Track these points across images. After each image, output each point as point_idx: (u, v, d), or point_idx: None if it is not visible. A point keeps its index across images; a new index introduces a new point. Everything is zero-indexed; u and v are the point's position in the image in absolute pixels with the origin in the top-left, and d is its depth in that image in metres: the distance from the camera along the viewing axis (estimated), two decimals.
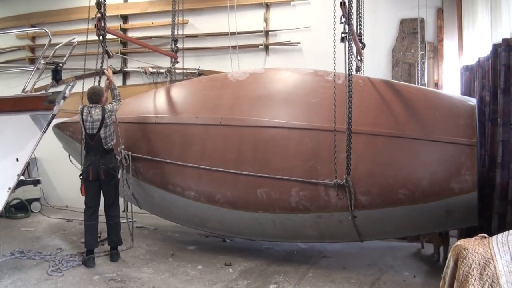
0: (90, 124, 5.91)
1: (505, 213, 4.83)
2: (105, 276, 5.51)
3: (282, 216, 5.80)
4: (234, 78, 6.43)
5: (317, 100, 5.77)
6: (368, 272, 5.68)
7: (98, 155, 5.97)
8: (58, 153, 7.87)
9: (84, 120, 5.95)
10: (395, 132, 5.33)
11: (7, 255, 6.22)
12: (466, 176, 5.10)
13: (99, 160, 5.95)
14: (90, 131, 5.93)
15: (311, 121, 5.65)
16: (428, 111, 5.43)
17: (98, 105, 6.00)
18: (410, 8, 7.50)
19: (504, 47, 4.91)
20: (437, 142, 5.23)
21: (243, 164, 5.82)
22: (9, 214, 8.80)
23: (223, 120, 6.00)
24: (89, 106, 6.03)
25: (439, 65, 7.50)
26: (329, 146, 5.31)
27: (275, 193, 5.69)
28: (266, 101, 6.00)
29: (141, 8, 9.49)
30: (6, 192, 5.50)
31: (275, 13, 8.65)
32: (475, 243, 3.29)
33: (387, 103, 5.58)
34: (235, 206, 5.96)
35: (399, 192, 5.27)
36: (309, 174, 5.53)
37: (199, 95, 6.52)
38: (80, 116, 6.02)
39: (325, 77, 5.98)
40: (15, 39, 10.43)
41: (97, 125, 5.90)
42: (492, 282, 2.93)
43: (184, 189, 6.21)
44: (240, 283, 5.32)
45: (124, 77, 9.56)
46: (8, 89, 7.77)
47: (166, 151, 6.28)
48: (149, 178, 6.48)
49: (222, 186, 5.97)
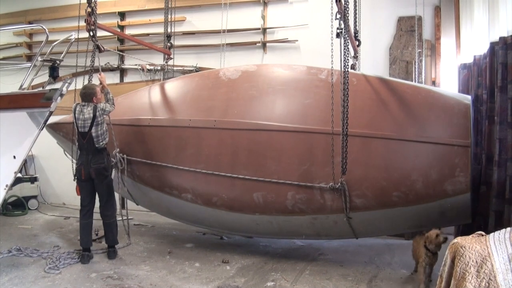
0: (82, 122, 5.87)
1: (502, 211, 4.85)
2: (103, 274, 5.50)
3: (278, 218, 5.84)
4: (226, 76, 6.34)
5: (310, 101, 5.74)
6: (366, 270, 5.69)
7: (90, 154, 5.92)
8: (55, 150, 7.85)
9: (77, 118, 5.92)
10: (389, 134, 5.31)
11: (4, 252, 6.20)
12: (460, 178, 5.11)
13: (90, 159, 5.91)
14: (82, 129, 5.89)
15: (305, 123, 5.62)
16: (422, 111, 5.39)
17: (90, 103, 5.94)
18: (407, 6, 7.50)
19: (501, 45, 4.93)
20: (430, 143, 5.22)
21: (238, 167, 5.82)
22: (6, 212, 8.79)
23: (217, 123, 5.94)
24: (81, 104, 5.99)
25: (437, 63, 7.50)
26: (323, 148, 5.33)
27: (271, 196, 5.72)
28: (259, 102, 5.96)
29: (138, 5, 9.48)
30: (3, 189, 5.48)
31: (273, 11, 8.64)
32: (472, 241, 3.30)
33: (381, 103, 5.54)
34: (232, 208, 5.99)
35: (393, 195, 5.31)
36: (305, 177, 5.54)
37: (192, 96, 6.43)
38: (73, 114, 5.99)
39: (318, 76, 5.93)
40: (12, 36, 10.41)
41: (88, 123, 5.84)
42: (489, 279, 2.94)
43: (181, 191, 6.23)
44: (237, 281, 5.32)
45: (121, 75, 9.55)
46: (5, 86, 7.75)
47: (161, 154, 6.26)
48: (145, 181, 6.49)
49: (218, 190, 5.98)
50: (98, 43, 6.05)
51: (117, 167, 6.38)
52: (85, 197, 6.05)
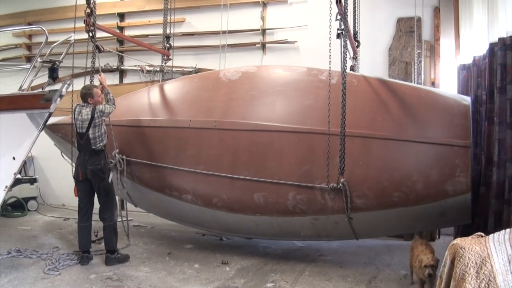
0: (80, 123, 5.85)
1: (502, 212, 4.85)
2: (102, 275, 5.50)
3: (279, 218, 5.84)
4: (227, 77, 6.33)
5: (311, 102, 5.73)
6: (365, 271, 5.69)
7: (87, 155, 5.87)
8: (54, 151, 7.84)
9: (76, 118, 5.91)
10: (389, 134, 5.31)
11: (3, 253, 6.20)
12: (460, 178, 5.12)
13: (87, 160, 5.86)
14: (80, 130, 5.87)
15: (306, 124, 5.61)
16: (422, 112, 5.40)
17: (90, 104, 5.91)
18: (407, 7, 7.51)
19: (500, 46, 4.93)
20: (431, 144, 5.22)
21: (238, 168, 5.82)
22: (5, 213, 8.78)
23: (217, 123, 5.94)
24: (81, 105, 5.97)
25: (436, 64, 7.51)
26: (324, 149, 5.32)
27: (271, 197, 5.71)
28: (259, 103, 5.95)
29: (138, 6, 9.48)
30: (3, 190, 5.49)
31: (272, 12, 8.65)
32: (471, 242, 3.29)
33: (381, 104, 5.54)
34: (232, 209, 5.99)
35: (394, 195, 5.31)
36: (305, 178, 5.54)
37: (192, 96, 6.42)
38: (72, 114, 6.01)
39: (319, 76, 5.92)
40: (11, 37, 10.40)
41: (86, 124, 5.81)
42: (488, 280, 2.94)
43: (181, 192, 6.22)
44: (236, 282, 5.32)
45: (120, 75, 9.55)
46: (4, 87, 7.75)
47: (161, 155, 6.25)
48: (145, 182, 6.47)
49: (219, 190, 5.98)
50: (97, 43, 6.01)
51: (116, 168, 6.35)
52: (83, 198, 6.02)
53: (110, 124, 6.20)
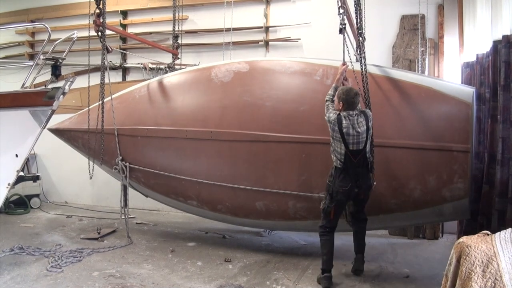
0: (354, 139, 4.80)
1: (505, 210, 4.82)
2: (105, 272, 5.50)
3: (282, 222, 6.01)
4: (219, 79, 6.19)
5: (306, 108, 5.63)
6: (369, 269, 5.66)
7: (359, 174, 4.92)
8: (57, 149, 7.85)
9: (345, 133, 4.81)
10: (387, 141, 5.27)
11: (6, 251, 6.21)
12: (459, 184, 5.12)
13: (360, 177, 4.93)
14: (355, 146, 4.82)
15: (300, 132, 5.56)
16: (422, 114, 5.30)
17: (358, 111, 4.91)
18: (410, 4, 7.47)
19: (504, 44, 4.90)
20: (429, 150, 5.18)
21: (239, 178, 5.88)
22: (8, 210, 8.78)
23: (213, 134, 5.94)
24: (349, 114, 4.86)
25: (440, 62, 7.47)
26: (321, 158, 5.33)
27: (273, 205, 5.82)
28: (253, 110, 5.87)
29: (141, 4, 9.45)
30: (6, 188, 5.49)
31: (275, 9, 8.62)
32: (478, 240, 3.28)
33: (379, 106, 5.34)
34: (237, 215, 6.14)
35: (391, 202, 5.35)
36: (304, 187, 5.59)
37: (186, 102, 6.34)
38: (338, 127, 4.82)
39: (313, 77, 5.76)
40: (14, 35, 10.40)
41: (364, 138, 4.82)
42: (495, 279, 2.92)
43: (186, 198, 6.37)
44: (239, 279, 5.31)
45: (123, 73, 9.53)
46: (7, 85, 7.74)
47: (163, 163, 6.32)
48: (151, 186, 6.60)
49: (222, 198, 6.08)
50: (106, 44, 5.99)
51: (121, 174, 6.40)
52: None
53: (116, 132, 6.23)
